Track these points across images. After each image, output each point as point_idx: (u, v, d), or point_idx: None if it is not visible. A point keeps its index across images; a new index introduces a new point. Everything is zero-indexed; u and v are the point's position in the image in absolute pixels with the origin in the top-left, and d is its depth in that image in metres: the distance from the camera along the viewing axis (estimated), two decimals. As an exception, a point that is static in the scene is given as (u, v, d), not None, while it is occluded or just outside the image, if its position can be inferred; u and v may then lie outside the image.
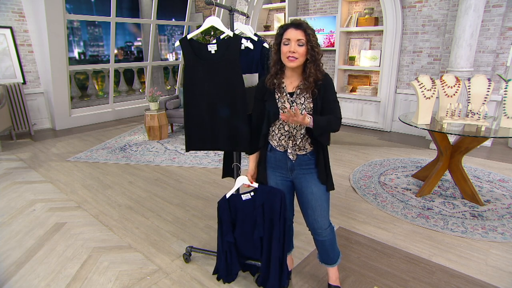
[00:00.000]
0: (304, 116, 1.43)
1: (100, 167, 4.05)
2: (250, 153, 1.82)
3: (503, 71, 4.53)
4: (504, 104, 2.82)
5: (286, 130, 1.64)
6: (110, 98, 6.94)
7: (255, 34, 2.12)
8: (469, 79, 2.99)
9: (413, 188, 3.31)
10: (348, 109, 5.88)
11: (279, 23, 6.71)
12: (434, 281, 2.01)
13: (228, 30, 1.86)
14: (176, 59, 10.93)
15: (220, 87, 1.83)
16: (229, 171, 2.21)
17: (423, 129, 2.96)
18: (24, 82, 5.66)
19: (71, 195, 3.28)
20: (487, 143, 4.72)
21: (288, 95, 1.61)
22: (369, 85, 5.82)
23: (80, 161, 4.28)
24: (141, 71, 8.57)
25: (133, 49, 14.22)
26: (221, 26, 1.87)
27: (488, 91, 2.90)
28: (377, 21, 5.49)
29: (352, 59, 5.83)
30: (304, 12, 6.43)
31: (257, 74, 2.16)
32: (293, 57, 1.50)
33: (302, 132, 1.63)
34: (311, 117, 1.48)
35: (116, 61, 7.24)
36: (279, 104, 1.62)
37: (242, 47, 2.06)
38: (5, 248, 2.41)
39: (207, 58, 1.81)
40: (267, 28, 6.90)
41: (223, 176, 2.28)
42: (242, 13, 2.29)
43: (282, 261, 1.82)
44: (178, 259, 2.26)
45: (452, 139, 3.31)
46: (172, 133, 5.65)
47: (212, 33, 5.66)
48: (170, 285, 2.01)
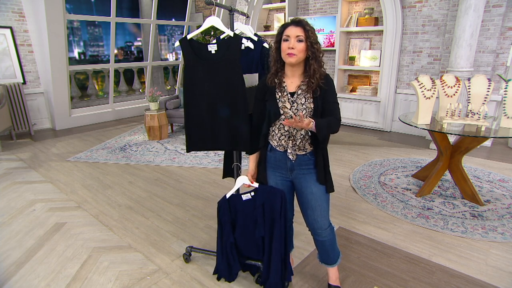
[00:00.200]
0: (309, 122, 1.43)
1: (100, 167, 4.05)
2: (250, 153, 1.82)
3: (503, 71, 4.53)
4: (504, 104, 2.82)
5: (286, 130, 1.65)
6: (110, 98, 6.94)
7: (255, 34, 2.12)
8: (469, 79, 2.99)
9: (413, 188, 3.31)
10: (348, 109, 5.88)
11: (279, 23, 6.72)
12: (434, 281, 2.01)
13: (228, 30, 1.86)
14: (176, 59, 10.94)
15: (220, 87, 1.83)
16: (230, 171, 2.21)
17: (423, 129, 2.96)
18: (24, 82, 5.66)
19: (71, 195, 3.28)
20: (487, 143, 4.72)
21: (289, 95, 1.61)
22: (369, 85, 5.82)
23: (80, 161, 4.28)
24: (141, 71, 8.57)
25: (133, 49, 14.22)
26: (221, 26, 1.87)
27: (488, 91, 2.90)
28: (377, 21, 5.49)
29: (352, 59, 5.83)
30: (304, 12, 6.43)
31: (257, 74, 2.16)
32: (292, 53, 1.51)
33: (302, 133, 1.63)
34: (314, 121, 1.46)
35: (116, 61, 7.24)
36: (280, 104, 1.62)
37: (242, 47, 2.06)
38: (5, 248, 2.41)
39: (207, 58, 1.81)
40: (267, 28, 6.90)
41: (224, 176, 2.28)
42: (242, 13, 2.29)
43: (284, 258, 1.82)
44: (178, 259, 2.26)
45: (452, 139, 3.31)
46: (172, 133, 5.65)
47: (212, 33, 5.65)
48: (170, 285, 2.01)
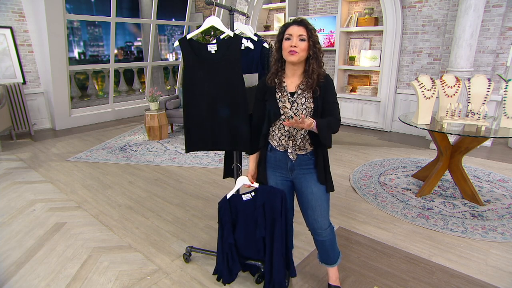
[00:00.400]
0: (310, 123, 1.43)
1: (100, 167, 4.05)
2: (250, 153, 1.82)
3: (503, 71, 4.53)
4: (504, 104, 2.82)
5: (286, 130, 1.65)
6: (110, 98, 6.94)
7: (255, 34, 2.12)
8: (469, 79, 2.99)
9: (413, 188, 3.31)
10: (348, 109, 5.88)
11: (279, 23, 6.72)
12: (434, 281, 2.01)
13: (228, 30, 1.86)
14: (176, 59, 10.93)
15: (220, 87, 1.83)
16: (230, 172, 2.21)
17: (423, 129, 2.96)
18: (24, 82, 5.66)
19: (71, 195, 3.28)
20: (487, 143, 4.72)
21: (289, 95, 1.61)
22: (369, 85, 5.82)
23: (80, 161, 4.28)
24: (141, 71, 8.57)
25: (133, 49, 14.20)
26: (221, 26, 1.87)
27: (488, 91, 2.90)
28: (377, 21, 5.49)
29: (352, 59, 5.83)
30: (304, 12, 6.43)
31: (257, 74, 2.16)
32: (295, 51, 1.51)
33: (302, 133, 1.63)
34: (315, 122, 1.47)
35: (116, 61, 7.24)
36: (280, 104, 1.62)
37: (242, 47, 2.06)
38: (5, 248, 2.41)
39: (207, 58, 1.81)
40: (267, 28, 6.90)
41: (224, 177, 2.29)
42: (242, 13, 2.29)
43: (287, 257, 1.83)
44: (178, 259, 2.26)
45: (452, 139, 3.31)
46: (172, 133, 5.65)
47: (212, 33, 5.65)
48: (170, 285, 2.01)
